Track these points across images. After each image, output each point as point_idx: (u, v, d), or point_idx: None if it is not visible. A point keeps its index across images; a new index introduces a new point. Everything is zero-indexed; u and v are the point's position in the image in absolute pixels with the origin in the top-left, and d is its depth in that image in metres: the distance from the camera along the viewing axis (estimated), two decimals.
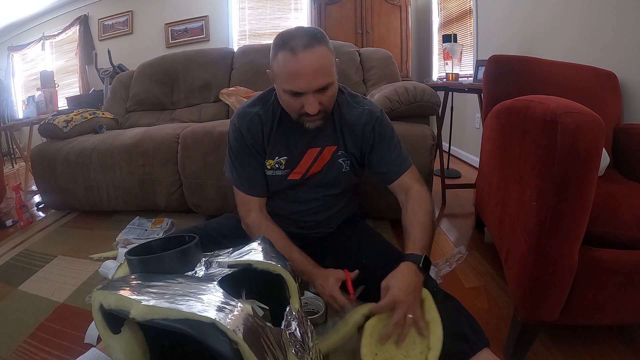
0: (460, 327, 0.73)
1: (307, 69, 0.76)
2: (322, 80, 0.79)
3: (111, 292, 0.45)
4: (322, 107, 0.82)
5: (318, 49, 0.77)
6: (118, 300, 0.44)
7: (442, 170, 2.00)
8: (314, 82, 0.78)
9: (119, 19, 3.99)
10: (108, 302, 0.44)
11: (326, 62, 0.79)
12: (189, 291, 0.43)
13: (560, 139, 0.63)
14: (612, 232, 0.72)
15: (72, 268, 1.33)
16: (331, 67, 0.81)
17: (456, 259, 1.28)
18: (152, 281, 0.46)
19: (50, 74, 3.77)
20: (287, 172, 0.97)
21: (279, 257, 0.58)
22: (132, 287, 0.45)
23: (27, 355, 0.89)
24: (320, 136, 0.94)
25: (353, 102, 0.96)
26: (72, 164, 1.78)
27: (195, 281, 0.47)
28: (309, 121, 0.85)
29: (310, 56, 0.76)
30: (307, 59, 0.76)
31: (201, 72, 2.34)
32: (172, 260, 0.50)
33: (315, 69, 0.77)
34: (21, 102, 4.15)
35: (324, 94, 0.82)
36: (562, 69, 1.32)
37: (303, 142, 0.95)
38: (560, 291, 0.72)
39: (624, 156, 1.21)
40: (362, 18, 3.38)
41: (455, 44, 2.33)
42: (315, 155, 0.95)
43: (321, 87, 0.80)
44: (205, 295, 0.43)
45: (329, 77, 0.80)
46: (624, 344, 0.87)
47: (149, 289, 0.44)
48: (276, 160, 0.96)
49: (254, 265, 0.53)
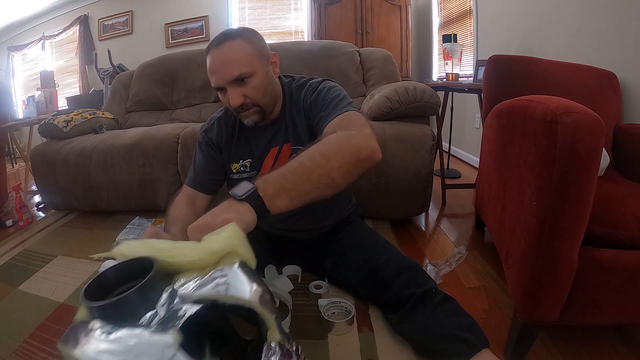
0: (459, 329, 0.73)
1: (217, 63, 0.82)
2: (233, 71, 0.81)
3: (75, 352, 0.40)
4: (248, 100, 0.84)
5: (229, 43, 0.82)
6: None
7: (442, 170, 2.00)
8: (225, 74, 0.81)
9: (119, 19, 3.99)
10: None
11: (238, 54, 0.82)
12: (146, 351, 0.39)
13: (560, 139, 0.63)
14: (612, 232, 0.72)
15: (72, 268, 1.33)
16: (247, 59, 0.83)
17: (456, 259, 1.28)
18: (114, 333, 0.41)
19: (50, 74, 3.77)
20: (253, 174, 0.97)
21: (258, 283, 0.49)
22: (96, 342, 0.41)
23: (27, 355, 0.89)
24: (279, 134, 0.95)
25: (300, 88, 0.96)
26: (72, 164, 1.78)
27: (156, 333, 0.41)
28: (244, 116, 0.88)
29: (219, 51, 0.82)
30: (217, 55, 0.82)
31: (201, 72, 2.34)
32: (136, 299, 0.44)
33: (224, 62, 0.81)
34: (21, 102, 4.15)
35: (246, 86, 0.83)
36: (562, 69, 1.32)
37: (263, 142, 0.96)
38: (560, 291, 0.72)
39: (624, 156, 1.21)
40: (362, 18, 3.38)
41: (455, 44, 2.33)
42: (275, 154, 0.96)
43: (236, 78, 0.81)
44: (161, 354, 0.39)
45: (243, 68, 0.82)
46: (624, 344, 0.87)
47: (109, 345, 0.40)
48: (241, 163, 0.98)
49: (221, 300, 0.45)
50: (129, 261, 0.52)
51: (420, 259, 1.33)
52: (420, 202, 1.53)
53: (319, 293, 1.03)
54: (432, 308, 0.78)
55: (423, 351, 0.80)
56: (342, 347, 0.86)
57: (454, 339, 0.72)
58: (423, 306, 0.80)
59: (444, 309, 0.78)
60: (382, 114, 1.56)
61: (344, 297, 1.01)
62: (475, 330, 0.73)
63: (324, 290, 1.04)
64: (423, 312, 0.79)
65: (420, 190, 1.49)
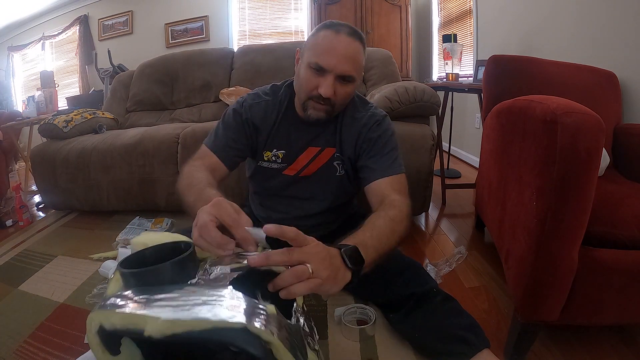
0: (460, 329, 0.73)
1: (341, 50, 0.79)
2: (350, 68, 0.80)
3: (115, 312, 0.41)
4: (334, 98, 0.82)
5: (358, 43, 0.81)
6: (126, 319, 0.40)
7: (442, 170, 2.00)
8: (343, 64, 0.79)
9: (119, 19, 3.99)
10: (112, 322, 0.41)
11: (359, 57, 0.82)
12: (207, 299, 0.41)
13: (560, 139, 0.63)
14: (612, 232, 0.72)
15: (72, 268, 1.33)
16: (360, 67, 0.83)
17: (456, 259, 1.28)
18: (158, 294, 0.43)
19: (50, 74, 3.77)
20: (283, 166, 0.95)
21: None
22: (139, 303, 0.42)
23: (27, 355, 0.89)
24: (323, 135, 0.93)
25: (361, 106, 0.95)
26: (72, 164, 1.78)
27: (209, 288, 0.45)
28: (315, 108, 0.84)
29: (349, 42, 0.79)
30: (346, 42, 0.79)
31: (201, 72, 2.34)
32: (172, 271, 0.47)
33: (349, 54, 0.79)
34: (21, 102, 4.14)
35: (343, 86, 0.82)
36: (562, 69, 1.32)
37: (304, 138, 0.93)
38: (560, 291, 0.72)
39: (624, 156, 1.21)
40: (362, 18, 3.38)
41: (455, 44, 2.33)
42: (314, 154, 0.94)
43: (345, 75, 0.80)
44: (226, 300, 0.41)
45: (355, 71, 0.82)
46: (624, 344, 0.87)
47: (159, 303, 0.41)
48: (274, 152, 0.95)
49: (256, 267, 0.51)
50: (164, 244, 0.55)
51: (420, 259, 1.33)
52: (420, 202, 1.53)
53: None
54: (433, 308, 0.78)
55: (423, 351, 0.80)
56: (342, 347, 0.87)
57: (454, 338, 0.72)
58: (424, 306, 0.80)
59: (444, 308, 0.78)
60: None
61: (345, 296, 1.00)
62: (475, 330, 0.73)
63: None
64: (424, 311, 0.79)
65: (420, 190, 1.49)
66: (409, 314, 0.82)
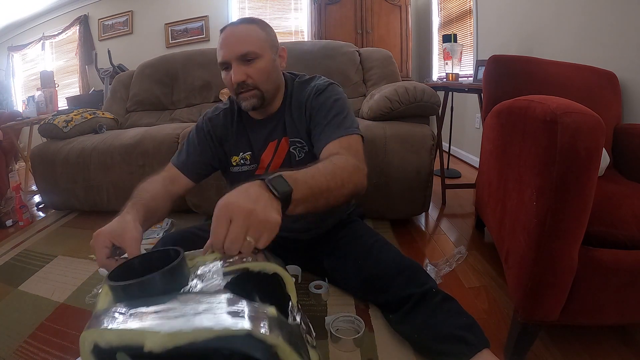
0: (459, 329, 0.73)
1: (228, 39, 0.84)
2: (244, 46, 0.82)
3: (109, 329, 0.40)
4: (250, 80, 0.85)
5: (245, 25, 0.85)
6: (122, 335, 0.39)
7: (442, 170, 2.00)
8: (234, 48, 0.82)
9: (119, 19, 3.99)
10: (107, 340, 0.39)
11: (251, 34, 0.84)
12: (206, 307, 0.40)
13: (560, 139, 0.63)
14: (612, 232, 0.72)
15: (72, 268, 1.33)
16: (258, 41, 0.85)
17: (456, 259, 1.28)
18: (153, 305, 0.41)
19: (50, 74, 3.77)
20: (253, 167, 0.98)
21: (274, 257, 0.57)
22: (134, 317, 0.40)
23: (27, 355, 0.89)
24: (278, 128, 0.96)
25: (304, 85, 0.96)
26: (72, 164, 1.78)
27: (204, 295, 0.43)
28: (243, 98, 0.87)
29: (235, 28, 0.85)
30: (232, 30, 0.85)
31: (201, 72, 2.34)
32: (164, 281, 0.45)
33: (236, 38, 0.83)
34: (21, 102, 4.14)
35: (251, 65, 0.84)
36: (562, 69, 1.32)
37: (262, 136, 0.97)
38: (560, 291, 0.72)
39: (624, 156, 1.21)
40: (362, 18, 3.38)
41: (455, 44, 2.33)
42: (274, 148, 0.96)
43: (243, 55, 0.82)
44: (225, 306, 0.40)
45: (253, 47, 0.83)
46: (624, 344, 0.87)
47: (156, 315, 0.40)
48: (241, 156, 0.99)
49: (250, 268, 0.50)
50: (152, 252, 0.54)
51: (420, 259, 1.33)
52: (420, 202, 1.53)
53: (319, 293, 1.03)
54: (433, 308, 0.78)
55: (423, 351, 0.80)
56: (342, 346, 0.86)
57: (454, 338, 0.71)
58: (423, 306, 0.80)
59: (444, 308, 0.78)
60: (382, 114, 1.56)
61: (344, 297, 1.00)
62: (475, 330, 0.73)
63: (324, 290, 1.04)
64: (423, 311, 0.79)
65: (420, 190, 1.49)
66: (409, 314, 0.82)
